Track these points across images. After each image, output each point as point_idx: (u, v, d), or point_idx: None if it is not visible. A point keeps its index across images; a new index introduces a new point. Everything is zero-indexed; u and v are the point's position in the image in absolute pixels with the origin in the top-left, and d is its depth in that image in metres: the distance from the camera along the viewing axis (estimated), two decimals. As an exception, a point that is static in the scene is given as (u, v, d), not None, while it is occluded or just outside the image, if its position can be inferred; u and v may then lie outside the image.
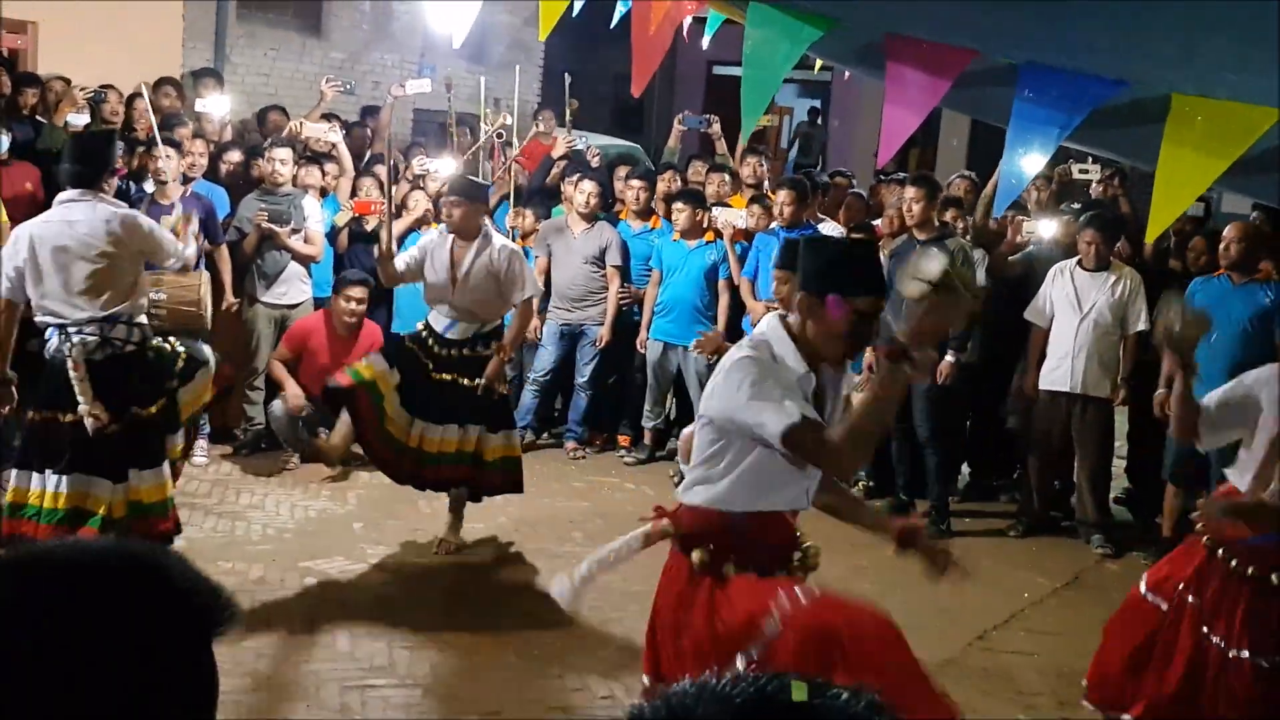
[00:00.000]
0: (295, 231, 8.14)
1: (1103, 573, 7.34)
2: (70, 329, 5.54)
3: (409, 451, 6.53)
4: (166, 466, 5.86)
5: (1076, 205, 8.47)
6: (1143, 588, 4.77)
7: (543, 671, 5.46)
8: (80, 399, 5.49)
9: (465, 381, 6.59)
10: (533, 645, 5.72)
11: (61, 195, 5.70)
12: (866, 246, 4.47)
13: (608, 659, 5.63)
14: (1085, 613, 6.67)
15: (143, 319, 5.81)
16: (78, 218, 5.56)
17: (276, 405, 7.27)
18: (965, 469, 8.67)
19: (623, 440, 9.10)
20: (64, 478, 5.58)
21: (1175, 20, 2.15)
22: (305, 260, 8.26)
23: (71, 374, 5.48)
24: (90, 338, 5.56)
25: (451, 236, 6.70)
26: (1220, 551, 4.51)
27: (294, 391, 7.69)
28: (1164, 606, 4.66)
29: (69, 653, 1.16)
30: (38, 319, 5.67)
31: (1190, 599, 4.58)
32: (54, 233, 5.54)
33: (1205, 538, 4.58)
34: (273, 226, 8.02)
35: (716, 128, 10.19)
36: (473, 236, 6.68)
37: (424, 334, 6.72)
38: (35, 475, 5.63)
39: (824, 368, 3.53)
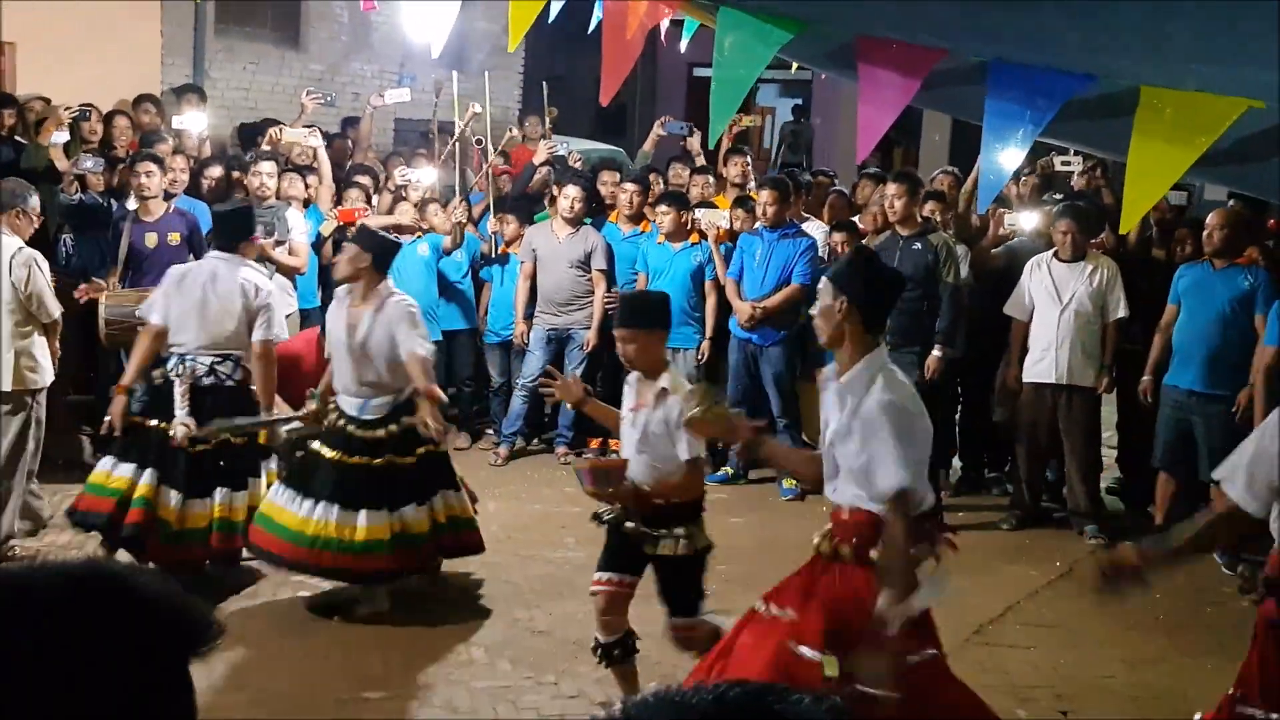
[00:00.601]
0: (279, 244, 8.13)
1: (1096, 563, 7.34)
2: (188, 356, 6.24)
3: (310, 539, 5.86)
4: (258, 485, 6.35)
5: (1059, 197, 8.48)
6: None
7: (538, 679, 5.45)
8: (178, 410, 6.14)
9: (404, 460, 6.00)
10: (527, 653, 5.71)
11: (210, 253, 6.53)
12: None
13: (603, 667, 5.63)
14: (1080, 604, 6.67)
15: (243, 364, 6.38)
16: (222, 274, 6.29)
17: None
18: (956, 463, 8.68)
19: (614, 444, 9.08)
20: (148, 470, 6.16)
21: (1142, 13, 2.16)
22: (289, 272, 8.25)
23: (176, 389, 6.17)
24: (201, 365, 6.23)
25: (347, 299, 6.10)
26: None
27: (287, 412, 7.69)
28: None
29: (36, 672, 1.15)
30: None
31: None
32: (199, 280, 6.31)
33: None
34: (257, 238, 8.01)
35: (695, 142, 10.19)
36: (366, 293, 6.03)
37: (340, 422, 6.04)
38: (123, 465, 6.21)
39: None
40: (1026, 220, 8.13)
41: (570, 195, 8.73)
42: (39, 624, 1.17)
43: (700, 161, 10.06)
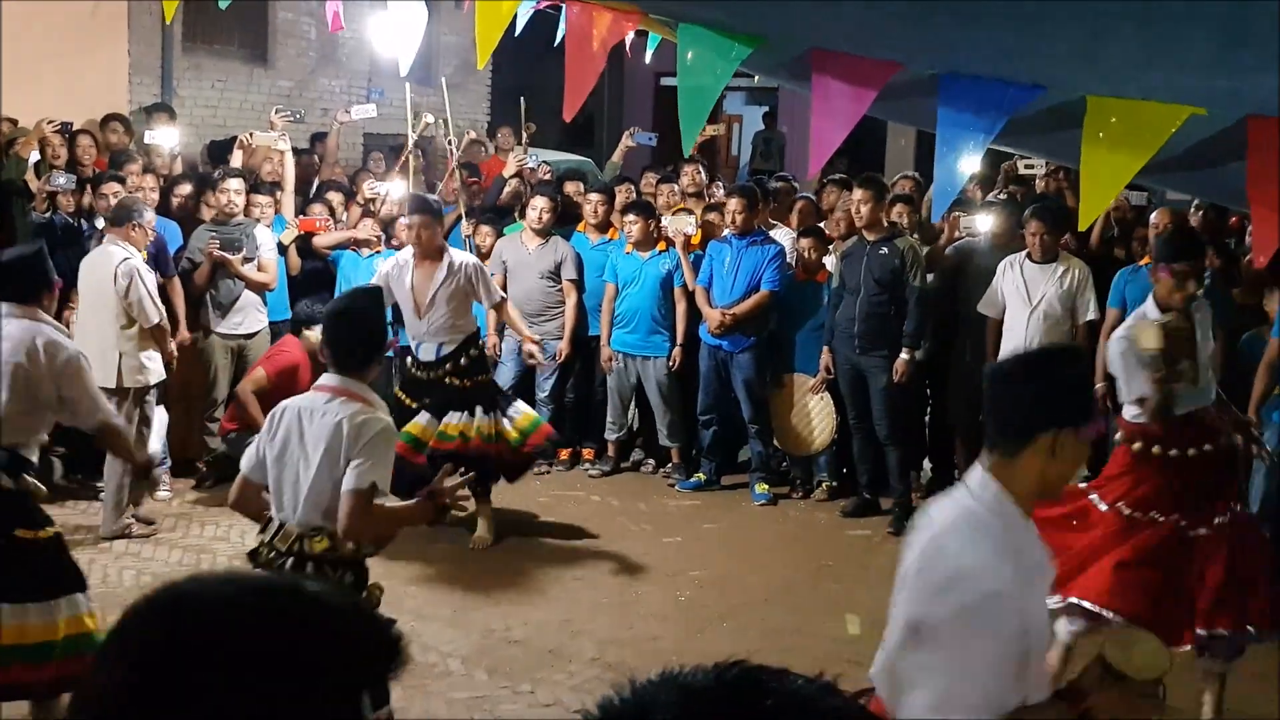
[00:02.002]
0: (248, 260, 8.15)
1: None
2: None
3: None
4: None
5: (1003, 196, 8.58)
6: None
7: (515, 688, 5.49)
8: None
9: (467, 383, 7.13)
10: (503, 663, 5.75)
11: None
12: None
13: (579, 673, 5.67)
14: (1049, 601, 6.76)
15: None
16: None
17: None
18: (927, 465, 8.76)
19: (586, 454, 9.14)
20: None
21: (1084, 27, 2.23)
22: (259, 289, 8.27)
23: None
24: None
25: (412, 260, 7.11)
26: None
27: None
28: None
29: (221, 684, 1.14)
30: None
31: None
32: None
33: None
34: (225, 255, 8.02)
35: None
36: (437, 257, 7.07)
37: (415, 371, 7.26)
38: None
39: None
40: (981, 223, 8.23)
41: (538, 206, 8.77)
42: (230, 637, 1.16)
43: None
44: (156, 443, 7.16)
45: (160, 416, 7.41)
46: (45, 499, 4.80)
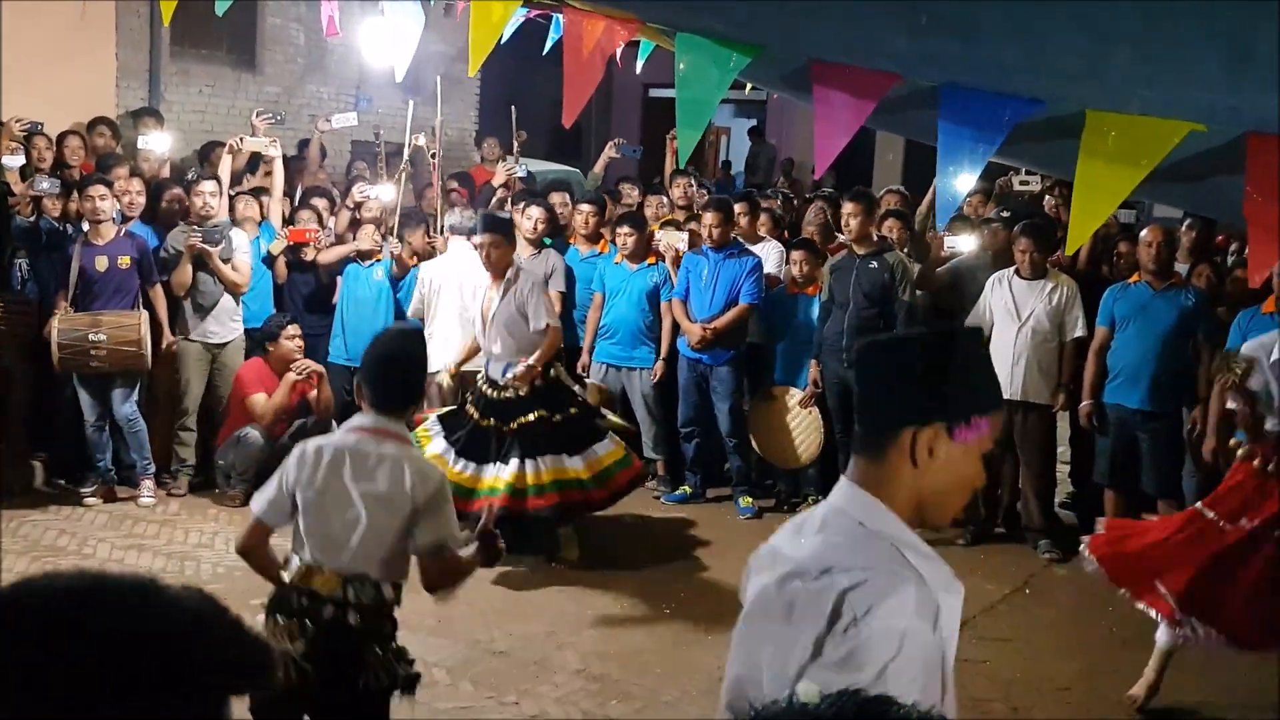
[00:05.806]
0: (225, 261, 8.10)
1: (1051, 577, 7.42)
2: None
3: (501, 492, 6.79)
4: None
5: (1006, 214, 8.57)
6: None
7: (500, 699, 5.46)
8: None
9: (545, 413, 6.96)
10: (488, 674, 5.71)
11: None
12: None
13: (564, 685, 5.64)
14: (1035, 617, 6.76)
15: None
16: None
17: (252, 433, 7.73)
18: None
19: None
20: None
21: (1085, 42, 2.23)
22: (232, 287, 8.19)
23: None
24: None
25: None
26: None
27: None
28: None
29: (52, 687, 1.10)
30: None
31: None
32: None
33: None
34: (206, 248, 7.95)
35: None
36: (500, 276, 7.07)
37: (485, 388, 7.10)
38: None
39: None
40: (964, 243, 8.20)
41: (533, 216, 8.71)
42: (49, 637, 1.12)
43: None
44: None
45: None
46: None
